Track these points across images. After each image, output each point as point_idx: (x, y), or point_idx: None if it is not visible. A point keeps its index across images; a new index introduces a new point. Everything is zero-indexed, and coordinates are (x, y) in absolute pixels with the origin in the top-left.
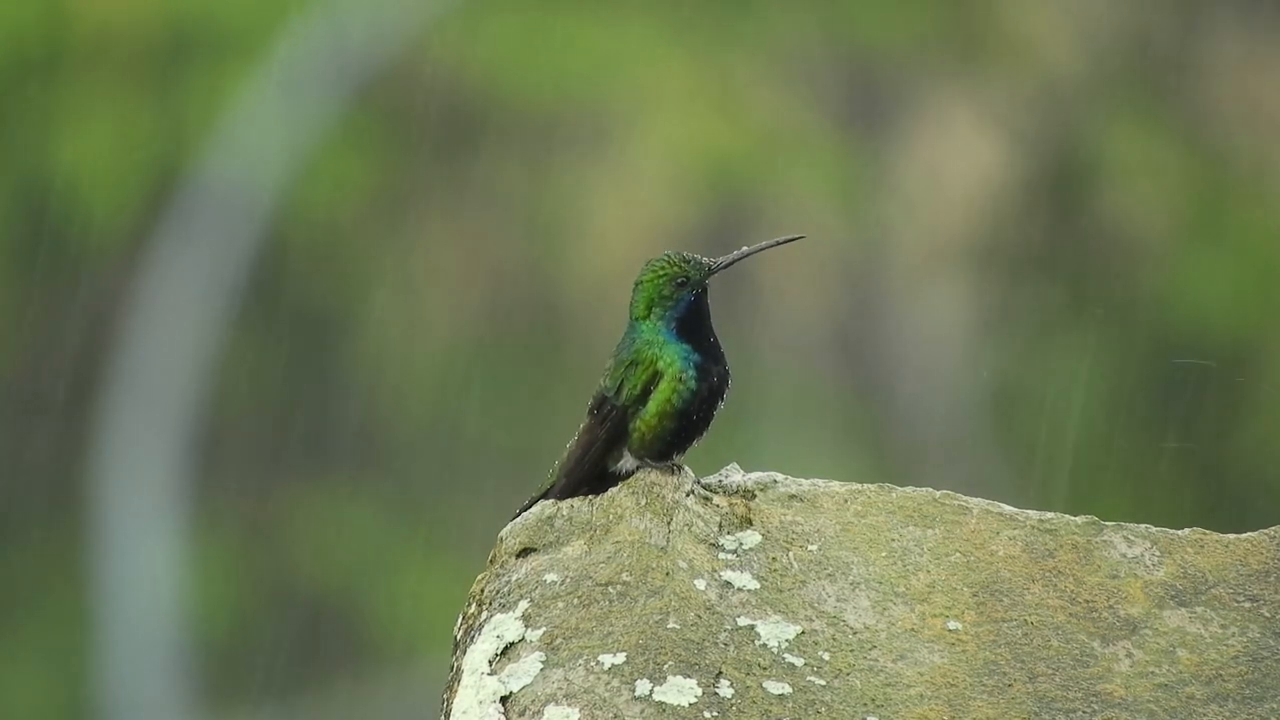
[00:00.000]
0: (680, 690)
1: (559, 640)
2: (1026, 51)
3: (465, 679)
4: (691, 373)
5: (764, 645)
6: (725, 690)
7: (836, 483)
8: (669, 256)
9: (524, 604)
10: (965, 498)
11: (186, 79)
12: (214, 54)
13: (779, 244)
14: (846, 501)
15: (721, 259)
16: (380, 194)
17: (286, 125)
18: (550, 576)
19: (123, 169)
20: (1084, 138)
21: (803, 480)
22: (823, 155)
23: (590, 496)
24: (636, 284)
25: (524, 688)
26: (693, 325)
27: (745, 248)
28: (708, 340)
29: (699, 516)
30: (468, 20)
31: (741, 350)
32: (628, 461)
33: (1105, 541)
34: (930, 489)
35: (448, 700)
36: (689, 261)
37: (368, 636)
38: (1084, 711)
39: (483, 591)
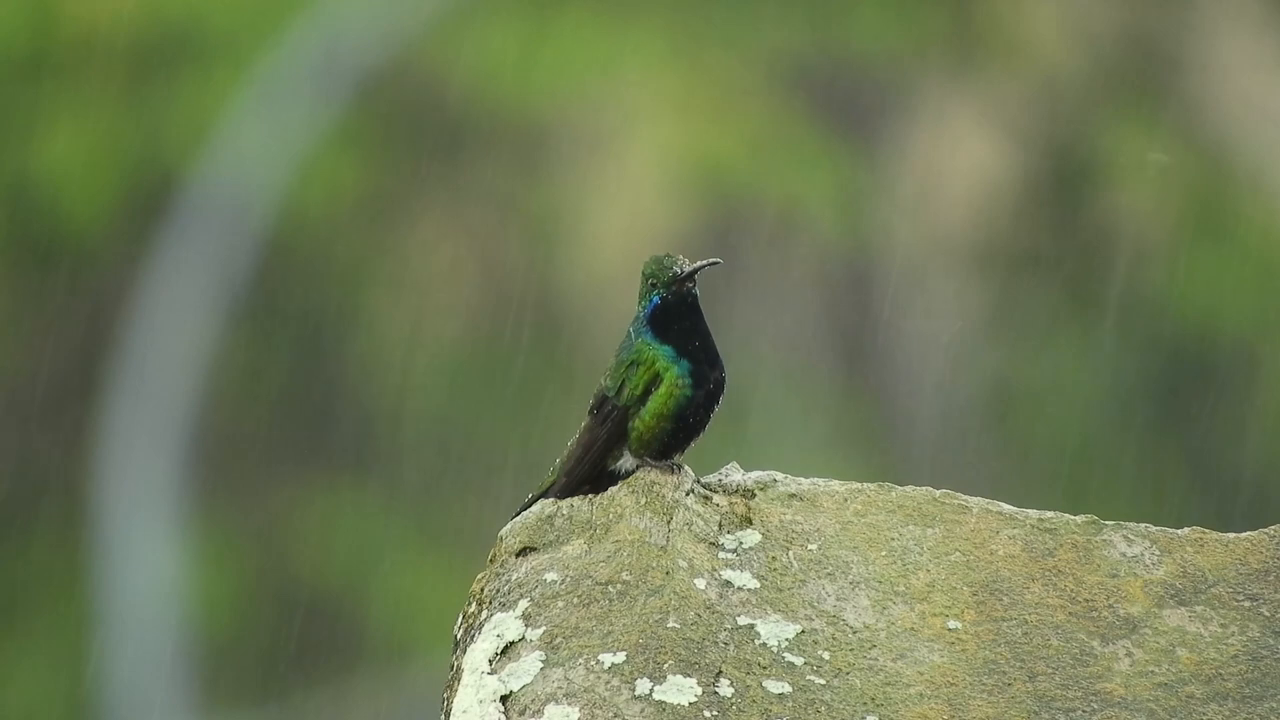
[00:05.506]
0: (680, 689)
1: (559, 639)
2: (1025, 51)
3: (465, 678)
4: (687, 379)
5: (764, 644)
6: (725, 689)
7: (836, 482)
8: (654, 256)
9: (524, 603)
10: (965, 497)
11: (185, 80)
12: (211, 55)
13: (704, 267)
14: (846, 501)
15: (686, 269)
16: (378, 195)
17: (285, 126)
18: (550, 575)
19: (124, 171)
20: (1083, 137)
21: (803, 479)
22: (819, 158)
23: (590, 495)
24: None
25: (524, 687)
26: (667, 326)
27: (700, 262)
28: (693, 343)
29: (699, 515)
30: (464, 24)
31: (742, 350)
32: (628, 461)
33: (1105, 541)
34: (930, 488)
35: (448, 699)
36: (661, 265)
37: (368, 636)
38: (1084, 711)
39: (483, 590)
